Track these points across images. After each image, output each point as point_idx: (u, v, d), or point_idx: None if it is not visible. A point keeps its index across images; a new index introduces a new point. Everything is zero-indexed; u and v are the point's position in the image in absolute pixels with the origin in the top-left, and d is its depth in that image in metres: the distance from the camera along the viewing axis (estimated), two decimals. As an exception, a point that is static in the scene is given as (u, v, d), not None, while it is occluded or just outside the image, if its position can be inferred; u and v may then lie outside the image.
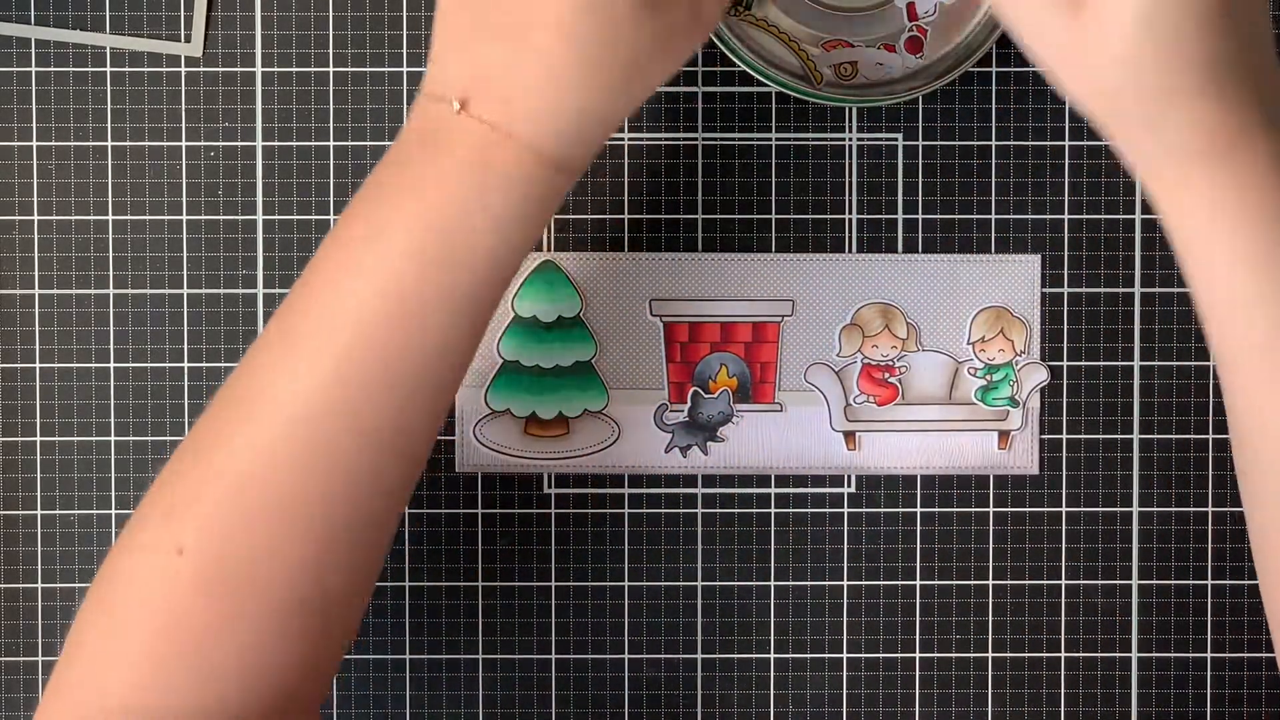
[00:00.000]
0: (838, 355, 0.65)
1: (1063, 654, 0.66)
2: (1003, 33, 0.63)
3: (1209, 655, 0.66)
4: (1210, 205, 0.51)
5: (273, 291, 0.65)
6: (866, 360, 0.65)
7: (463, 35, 0.54)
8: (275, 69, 0.65)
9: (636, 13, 0.53)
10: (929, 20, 0.64)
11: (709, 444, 0.65)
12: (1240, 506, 0.65)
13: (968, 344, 0.65)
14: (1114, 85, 0.51)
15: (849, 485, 0.66)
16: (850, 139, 0.66)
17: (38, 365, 0.65)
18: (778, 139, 0.66)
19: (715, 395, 0.65)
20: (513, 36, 0.53)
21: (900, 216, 0.66)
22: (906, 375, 0.65)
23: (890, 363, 0.65)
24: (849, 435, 0.65)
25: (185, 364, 0.65)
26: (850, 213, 0.66)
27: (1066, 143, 0.65)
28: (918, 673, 0.66)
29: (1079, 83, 0.52)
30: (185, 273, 0.65)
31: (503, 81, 0.53)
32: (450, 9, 0.54)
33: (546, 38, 0.52)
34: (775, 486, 0.66)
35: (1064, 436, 0.66)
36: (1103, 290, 0.66)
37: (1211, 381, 0.66)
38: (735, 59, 0.63)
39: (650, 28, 0.53)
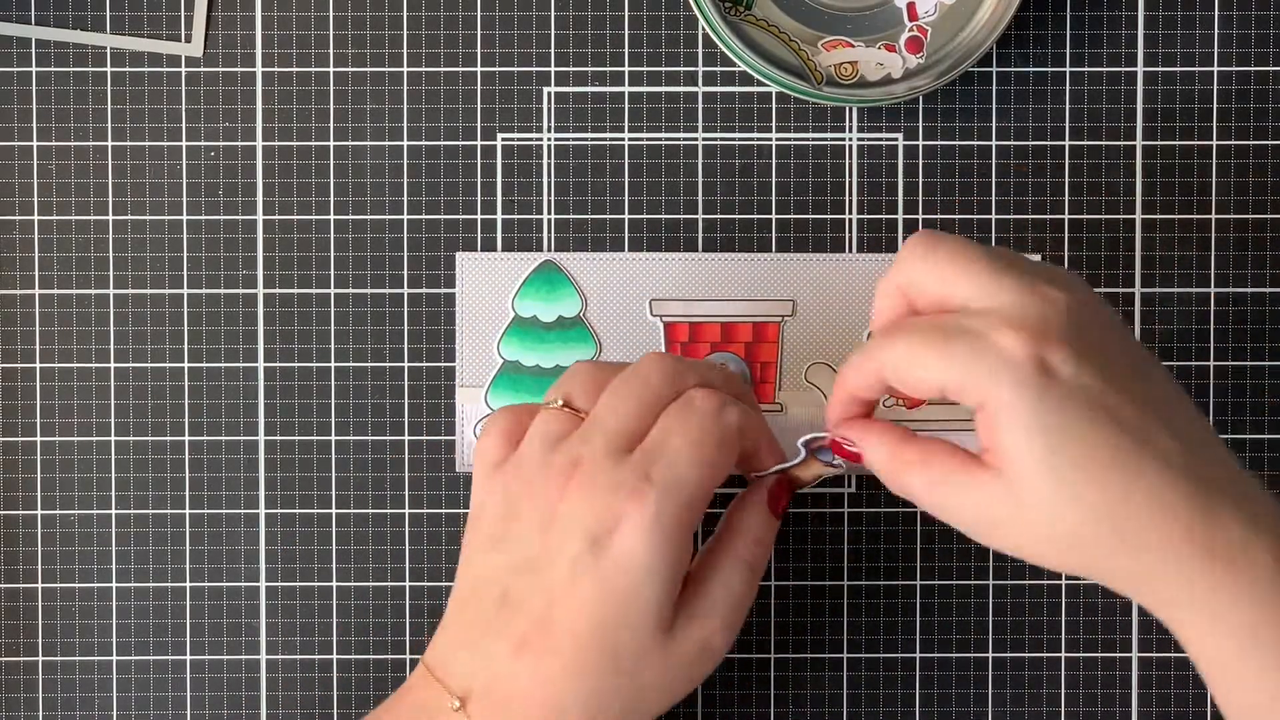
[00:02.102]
0: None
1: (1063, 654, 0.66)
2: (1003, 33, 0.63)
3: (1209, 655, 0.66)
4: (1209, 631, 0.52)
5: (273, 291, 0.65)
6: None
7: (478, 630, 0.56)
8: (275, 69, 0.65)
9: (646, 649, 0.55)
10: (929, 20, 0.64)
11: (709, 444, 0.65)
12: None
13: (968, 344, 0.65)
14: (1059, 549, 0.53)
15: (849, 485, 0.66)
16: (850, 139, 0.66)
17: (38, 365, 0.65)
18: (778, 139, 0.66)
19: (715, 395, 0.65)
20: (528, 649, 0.55)
21: (900, 216, 0.66)
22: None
23: None
24: (849, 435, 0.65)
25: (185, 364, 0.65)
26: (850, 213, 0.66)
27: (1066, 143, 0.66)
28: (918, 673, 0.66)
29: (1043, 554, 0.53)
30: (185, 273, 0.65)
31: (506, 688, 0.55)
32: (469, 598, 0.57)
33: (559, 662, 0.55)
34: (775, 486, 0.66)
35: (1064, 436, 0.66)
36: (1103, 290, 0.66)
37: (1212, 381, 0.66)
38: (735, 59, 0.63)
39: (657, 667, 0.55)
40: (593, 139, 0.65)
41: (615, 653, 0.55)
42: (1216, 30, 0.65)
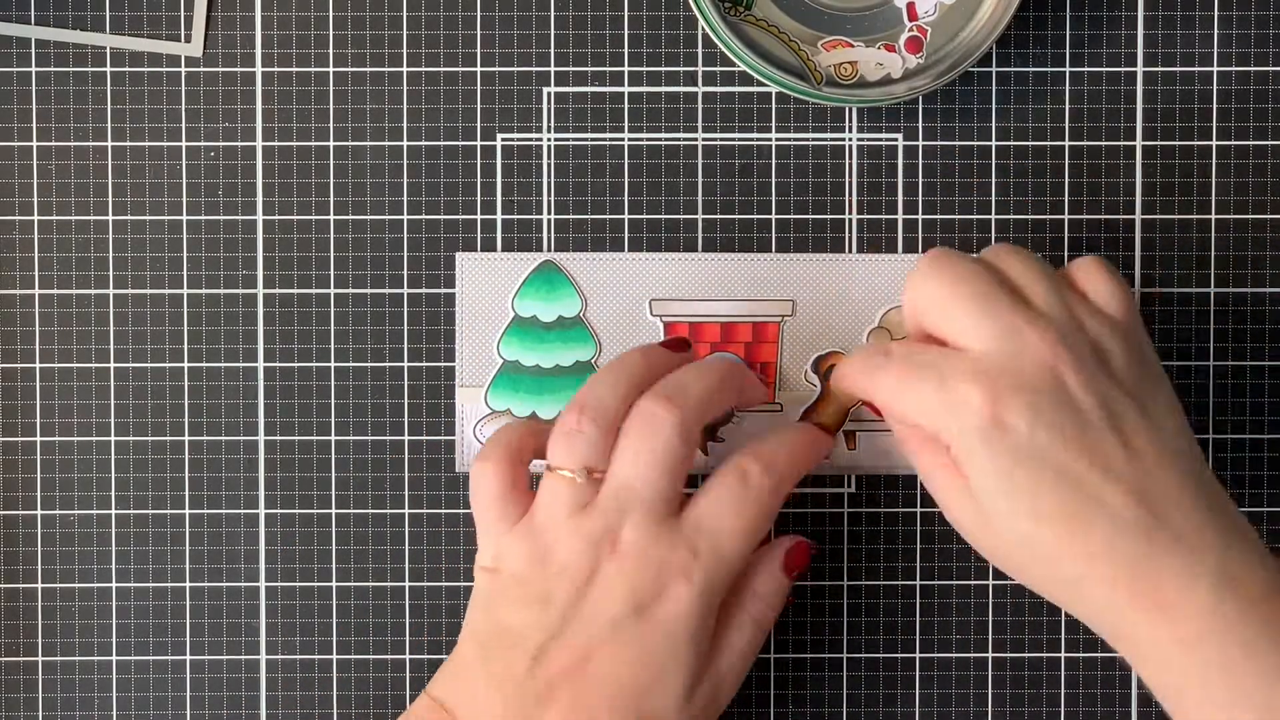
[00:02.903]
0: None
1: (1063, 654, 0.66)
2: (1003, 33, 0.63)
3: (1209, 655, 0.66)
4: (1158, 672, 0.55)
5: (273, 291, 0.65)
6: None
7: (510, 685, 0.57)
8: (275, 69, 0.65)
9: (676, 706, 0.57)
10: (929, 20, 0.64)
11: (709, 444, 0.65)
12: (1241, 506, 0.65)
13: (968, 344, 0.65)
14: (1023, 576, 0.57)
15: (849, 485, 0.66)
16: (850, 139, 0.66)
17: (38, 365, 0.65)
18: (778, 139, 0.66)
19: (715, 395, 0.65)
20: (562, 709, 0.56)
21: (900, 216, 0.66)
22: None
23: None
24: (849, 435, 0.65)
25: (185, 364, 0.65)
26: (850, 213, 0.66)
27: (1066, 143, 0.65)
28: (918, 673, 0.66)
29: (999, 562, 0.57)
30: (185, 273, 0.65)
31: None
32: (496, 648, 0.58)
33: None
34: (775, 486, 0.66)
35: (1064, 436, 0.66)
36: (1103, 290, 0.65)
37: (1212, 382, 0.66)
38: (735, 59, 0.63)
39: None
40: (593, 139, 0.65)
41: (643, 715, 0.56)
42: (1216, 30, 0.65)
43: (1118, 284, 0.58)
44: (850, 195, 0.66)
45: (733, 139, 0.66)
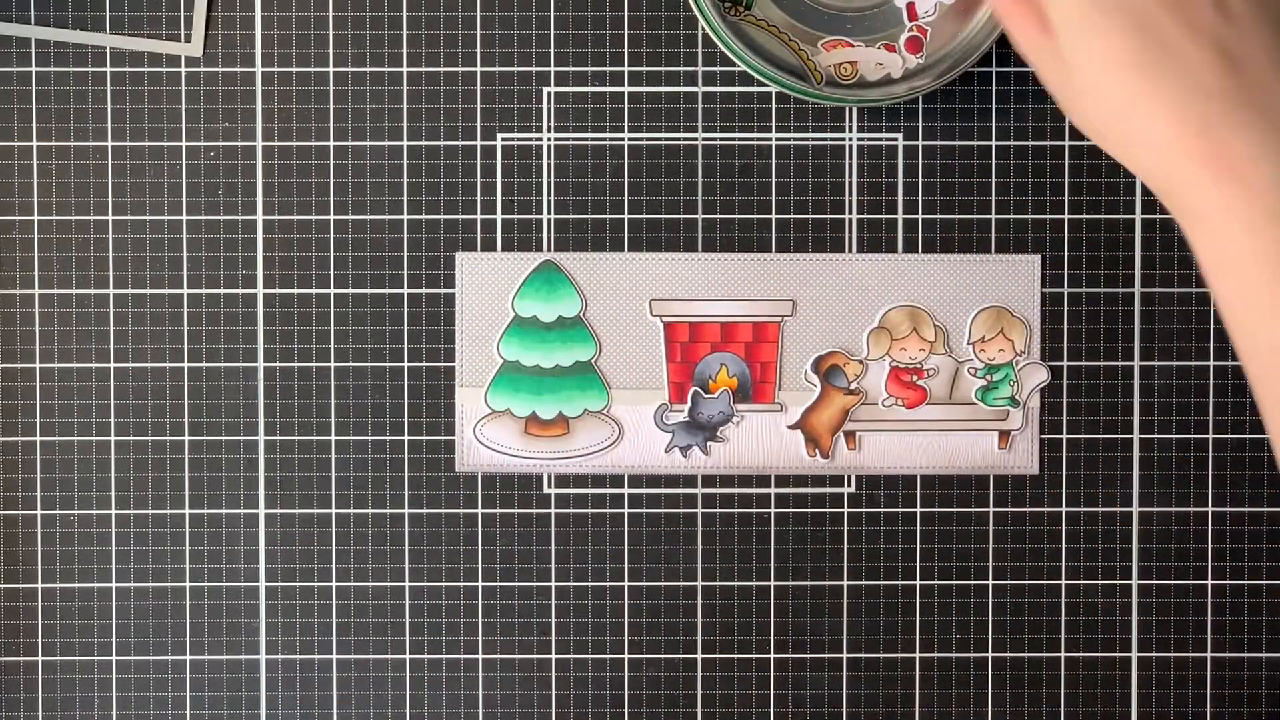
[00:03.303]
0: (865, 359, 0.65)
1: (1063, 654, 0.66)
2: (1003, 33, 0.63)
3: (1209, 655, 0.66)
4: (1213, 241, 0.53)
5: (273, 292, 0.65)
6: (895, 363, 0.65)
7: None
8: (275, 69, 0.65)
9: None
10: (929, 20, 0.64)
11: (709, 444, 0.65)
12: (1241, 507, 0.65)
13: (968, 344, 0.66)
14: (1098, 128, 0.54)
15: (849, 485, 0.66)
16: (850, 139, 0.66)
17: (38, 365, 0.65)
18: (778, 139, 0.66)
19: (715, 395, 0.65)
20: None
21: (900, 216, 0.66)
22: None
23: (918, 365, 0.65)
24: (849, 435, 0.65)
25: (185, 364, 0.65)
26: (850, 213, 0.66)
27: (1066, 143, 0.65)
28: (918, 673, 0.66)
29: (1076, 108, 0.55)
30: (185, 273, 0.65)
31: None
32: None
33: None
34: (775, 486, 0.66)
35: (1064, 436, 0.66)
36: (1103, 290, 0.66)
37: (1212, 381, 0.66)
38: (735, 59, 0.63)
39: None
40: (593, 139, 0.65)
41: None
42: (1216, 30, 0.65)
43: None
44: (850, 195, 0.66)
45: (733, 139, 0.66)
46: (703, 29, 0.65)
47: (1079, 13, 0.53)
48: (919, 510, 0.66)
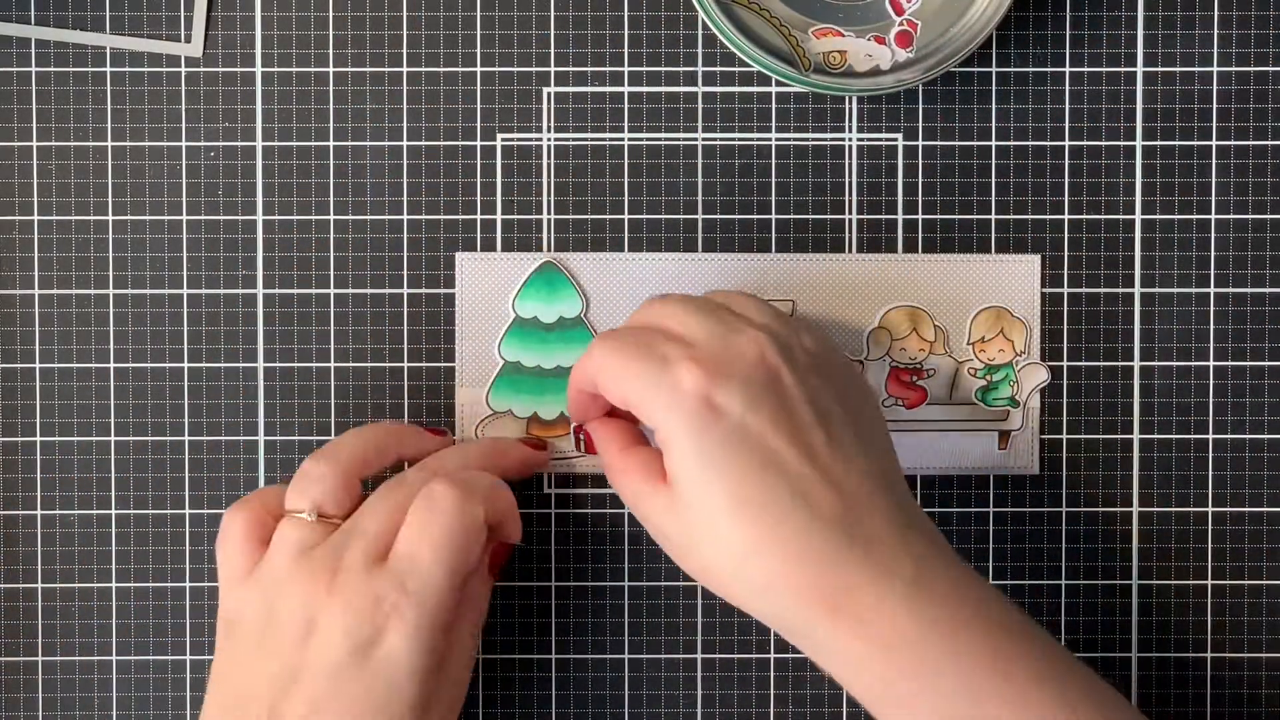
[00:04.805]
0: (865, 359, 0.65)
1: (1063, 654, 0.66)
2: (993, 31, 0.63)
3: (1209, 655, 0.66)
4: (851, 678, 0.55)
5: (273, 292, 0.65)
6: (894, 363, 0.65)
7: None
8: (275, 69, 0.65)
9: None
10: (915, 14, 0.64)
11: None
12: (1241, 507, 0.65)
13: (968, 344, 0.66)
14: (715, 580, 0.56)
15: (849, 485, 0.66)
16: (850, 139, 0.66)
17: (38, 365, 0.65)
18: (778, 139, 0.66)
19: (715, 395, 0.65)
20: None
21: (900, 216, 0.66)
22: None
23: (918, 365, 0.65)
24: (849, 435, 0.65)
25: (185, 364, 0.65)
26: (850, 213, 0.66)
27: (1066, 143, 0.66)
28: (918, 673, 0.66)
29: (689, 561, 0.56)
30: (185, 273, 0.65)
31: None
32: (234, 710, 0.57)
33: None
34: (775, 486, 0.66)
35: (1064, 436, 0.66)
36: (1103, 290, 0.66)
37: (1212, 382, 0.66)
38: (722, 37, 0.63)
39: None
40: (593, 139, 0.65)
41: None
42: (1216, 30, 0.65)
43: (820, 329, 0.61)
44: (850, 195, 0.66)
45: (733, 139, 0.66)
46: (702, 20, 0.65)
47: (700, 453, 0.54)
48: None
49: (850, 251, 0.66)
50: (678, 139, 0.66)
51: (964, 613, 0.54)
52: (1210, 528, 0.66)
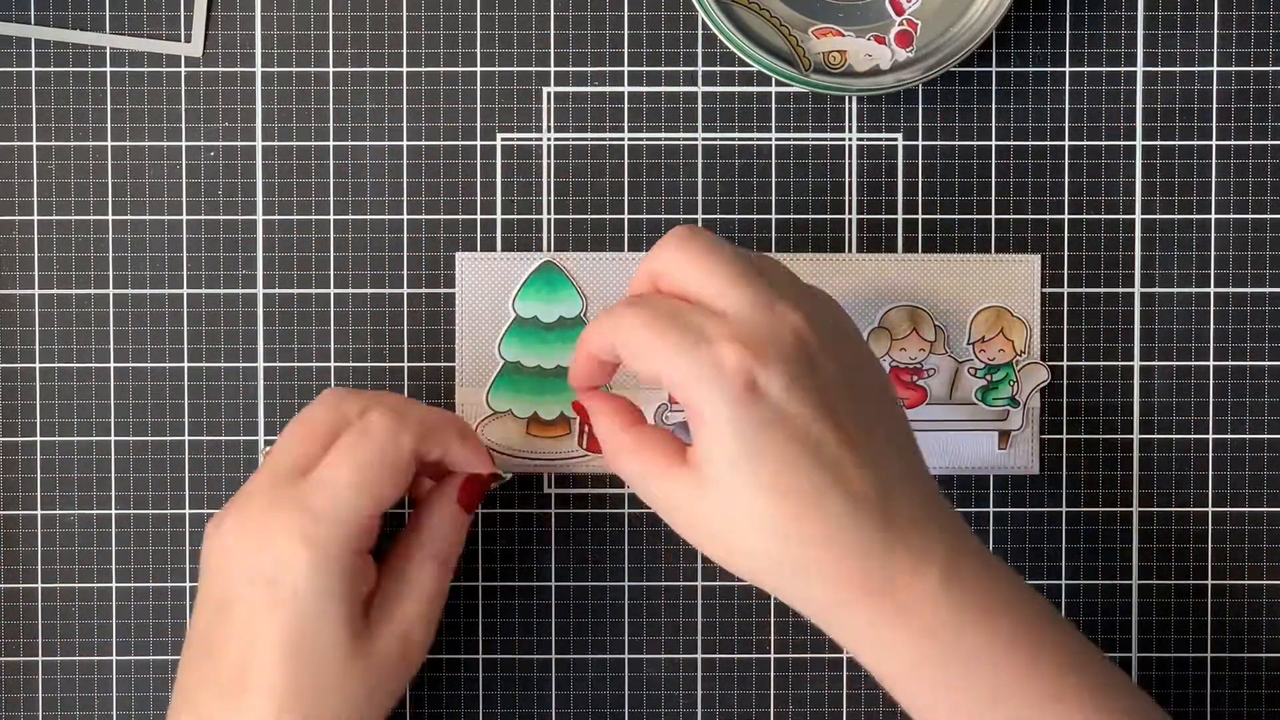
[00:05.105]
0: None
1: (1063, 654, 0.66)
2: (993, 32, 0.63)
3: (1209, 655, 0.66)
4: (878, 659, 0.55)
5: (273, 291, 0.65)
6: (895, 363, 0.65)
7: (193, 687, 0.57)
8: (275, 69, 0.65)
9: (345, 664, 0.56)
10: (915, 14, 0.64)
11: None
12: (1241, 507, 0.65)
13: (968, 344, 0.65)
14: (745, 562, 0.54)
15: (849, 485, 0.66)
16: (850, 139, 0.66)
17: (38, 365, 0.65)
18: (778, 139, 0.66)
19: (715, 395, 0.65)
20: (236, 695, 0.56)
21: (900, 216, 0.66)
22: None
23: (918, 365, 0.65)
24: (849, 435, 0.65)
25: (185, 364, 0.65)
26: (850, 213, 0.66)
27: (1066, 143, 0.66)
28: (918, 673, 0.66)
29: (715, 545, 0.55)
30: (185, 273, 0.65)
31: None
32: (189, 661, 0.58)
33: (268, 702, 0.56)
34: (775, 486, 0.66)
35: (1064, 436, 0.66)
36: (1103, 290, 0.66)
37: (1212, 382, 0.66)
38: (722, 37, 0.63)
39: (360, 677, 0.57)
40: (593, 139, 0.65)
41: (316, 676, 0.56)
42: (1216, 30, 0.65)
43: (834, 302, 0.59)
44: (850, 195, 0.66)
45: (733, 139, 0.66)
46: (702, 20, 0.65)
47: (741, 437, 0.52)
48: (919, 510, 0.66)
49: (850, 251, 0.66)
50: (678, 139, 0.66)
51: (995, 599, 0.54)
52: (1210, 528, 0.66)
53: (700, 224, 0.66)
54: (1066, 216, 0.66)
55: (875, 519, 0.53)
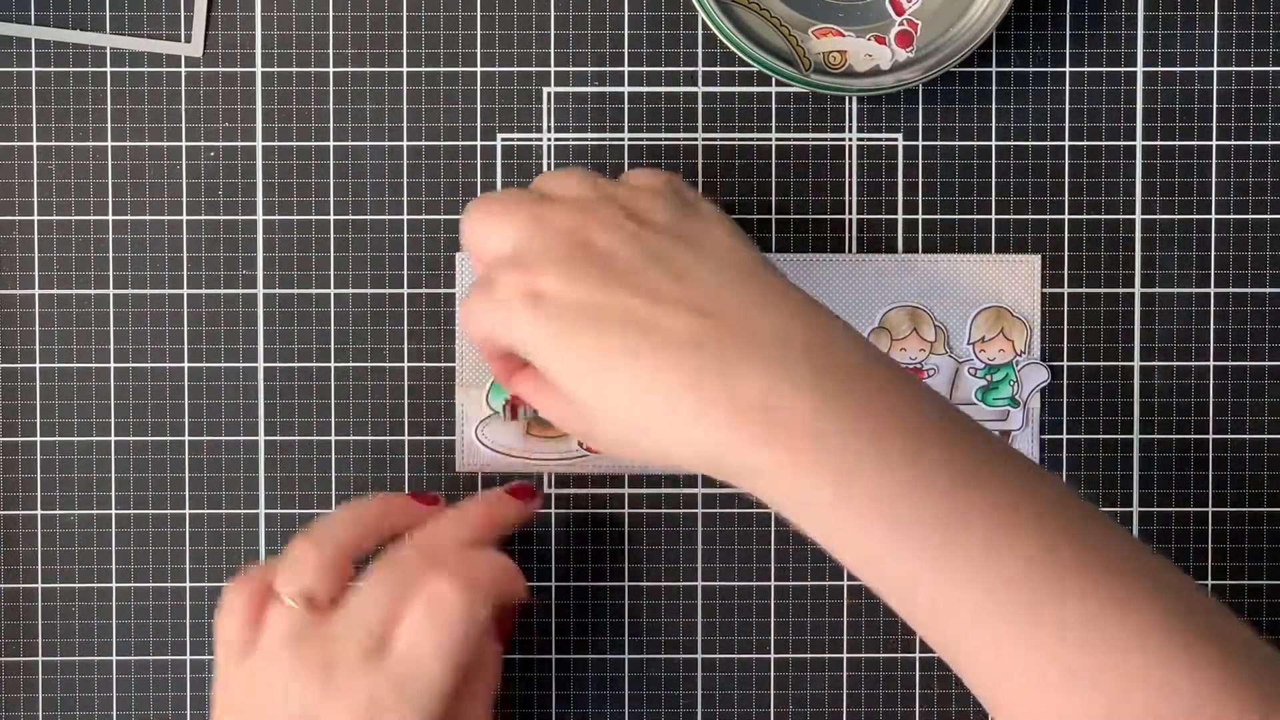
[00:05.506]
0: None
1: (1063, 654, 0.66)
2: (993, 32, 0.63)
3: (1209, 655, 0.66)
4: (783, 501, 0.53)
5: (273, 292, 0.65)
6: None
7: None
8: (275, 69, 0.65)
9: None
10: (916, 14, 0.64)
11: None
12: (1241, 507, 0.65)
13: (968, 344, 0.66)
14: (628, 445, 0.54)
15: (849, 485, 0.66)
16: (850, 139, 0.66)
17: (38, 365, 0.65)
18: (778, 139, 0.66)
19: (715, 395, 0.65)
20: None
21: (900, 216, 0.66)
22: (906, 375, 0.65)
23: (918, 366, 0.65)
24: (849, 435, 0.65)
25: (185, 364, 0.65)
26: (850, 213, 0.66)
27: (1066, 143, 0.66)
28: (917, 673, 0.66)
29: (627, 454, 0.56)
30: (185, 273, 0.65)
31: None
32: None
33: None
34: (775, 486, 0.66)
35: (1064, 436, 0.66)
36: (1103, 290, 0.66)
37: (1212, 382, 0.66)
38: (722, 37, 0.63)
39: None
40: (593, 139, 0.65)
41: None
42: (1216, 30, 0.65)
43: (655, 170, 0.58)
44: (850, 195, 0.66)
45: (733, 139, 0.66)
46: (701, 20, 0.65)
47: (550, 339, 0.53)
48: (919, 510, 0.66)
49: (850, 251, 0.66)
50: (678, 139, 0.66)
51: (876, 398, 0.51)
52: (1210, 528, 0.66)
53: (700, 224, 0.66)
54: (1067, 216, 0.66)
55: (697, 353, 0.51)
